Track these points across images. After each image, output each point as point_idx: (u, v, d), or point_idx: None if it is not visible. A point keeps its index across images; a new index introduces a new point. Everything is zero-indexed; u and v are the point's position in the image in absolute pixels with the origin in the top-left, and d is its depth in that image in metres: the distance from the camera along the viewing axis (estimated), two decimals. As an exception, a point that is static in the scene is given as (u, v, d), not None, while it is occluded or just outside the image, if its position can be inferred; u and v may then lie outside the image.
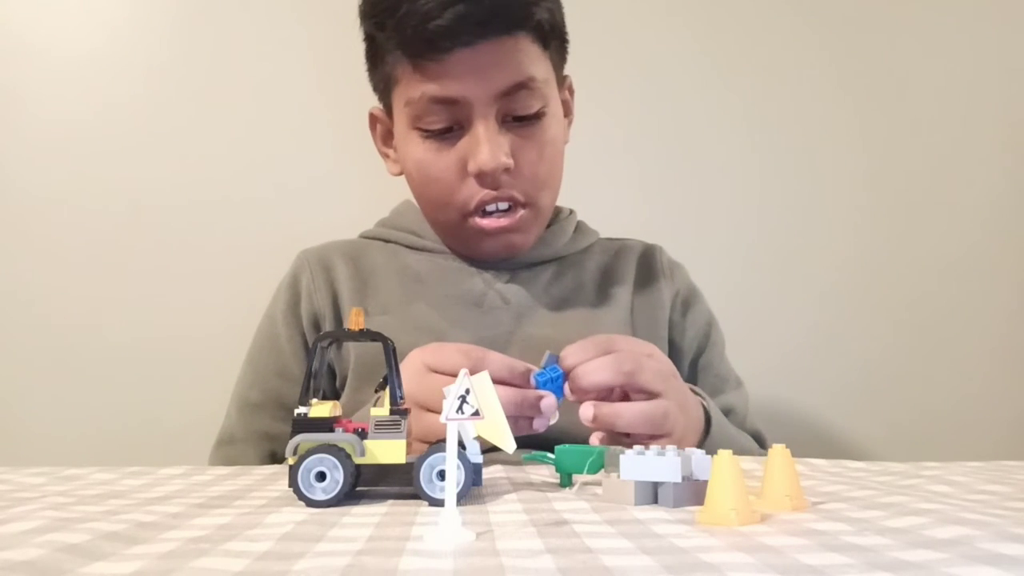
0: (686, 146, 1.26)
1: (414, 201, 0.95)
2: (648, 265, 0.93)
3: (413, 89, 0.78)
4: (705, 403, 0.75)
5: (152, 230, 1.17)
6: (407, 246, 0.90)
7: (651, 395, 0.64)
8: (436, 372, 0.62)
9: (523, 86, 0.78)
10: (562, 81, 0.87)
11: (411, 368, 0.63)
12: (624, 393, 0.65)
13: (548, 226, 0.91)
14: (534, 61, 0.80)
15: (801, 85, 1.27)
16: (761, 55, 1.27)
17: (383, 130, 0.90)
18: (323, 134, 1.21)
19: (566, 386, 0.62)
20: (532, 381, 0.61)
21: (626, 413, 0.62)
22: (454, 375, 0.61)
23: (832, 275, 1.27)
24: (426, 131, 0.80)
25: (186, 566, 0.31)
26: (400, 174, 0.89)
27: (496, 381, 0.59)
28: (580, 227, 0.95)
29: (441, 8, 0.74)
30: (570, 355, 0.62)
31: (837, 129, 1.28)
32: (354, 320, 0.49)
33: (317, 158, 1.20)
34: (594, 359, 0.62)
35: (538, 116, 0.81)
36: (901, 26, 1.29)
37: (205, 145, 1.18)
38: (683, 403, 0.68)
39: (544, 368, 0.62)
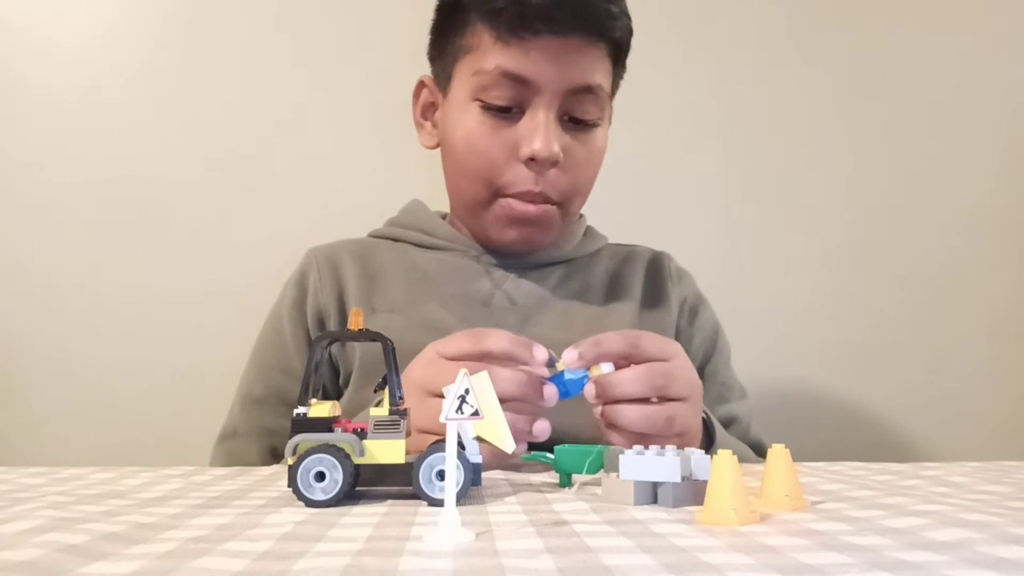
0: (664, 141, 1.26)
1: (423, 200, 0.96)
2: (656, 272, 0.94)
3: (489, 60, 0.79)
4: (706, 416, 0.75)
5: (158, 226, 1.16)
6: (416, 244, 0.91)
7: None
8: (446, 359, 0.62)
9: (591, 90, 0.80)
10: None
11: (424, 358, 0.64)
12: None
13: None
14: (604, 72, 0.82)
15: (790, 76, 1.28)
16: (757, 51, 1.27)
17: (426, 101, 0.91)
18: (333, 133, 1.20)
19: (590, 387, 0.60)
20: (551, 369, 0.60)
21: (629, 410, 0.60)
22: (460, 358, 0.61)
23: (838, 276, 1.27)
24: (487, 105, 0.80)
25: (186, 566, 0.31)
26: (435, 147, 0.89)
27: (502, 355, 0.59)
28: (589, 231, 0.96)
29: None
30: (594, 346, 0.60)
31: (826, 125, 1.28)
32: (353, 320, 0.49)
33: (327, 157, 1.20)
34: (627, 370, 0.60)
35: (593, 124, 0.83)
36: (892, 19, 1.30)
37: (214, 141, 1.18)
38: (699, 407, 0.68)
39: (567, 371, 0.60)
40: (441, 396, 0.59)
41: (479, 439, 0.47)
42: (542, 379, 0.59)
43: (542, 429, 0.58)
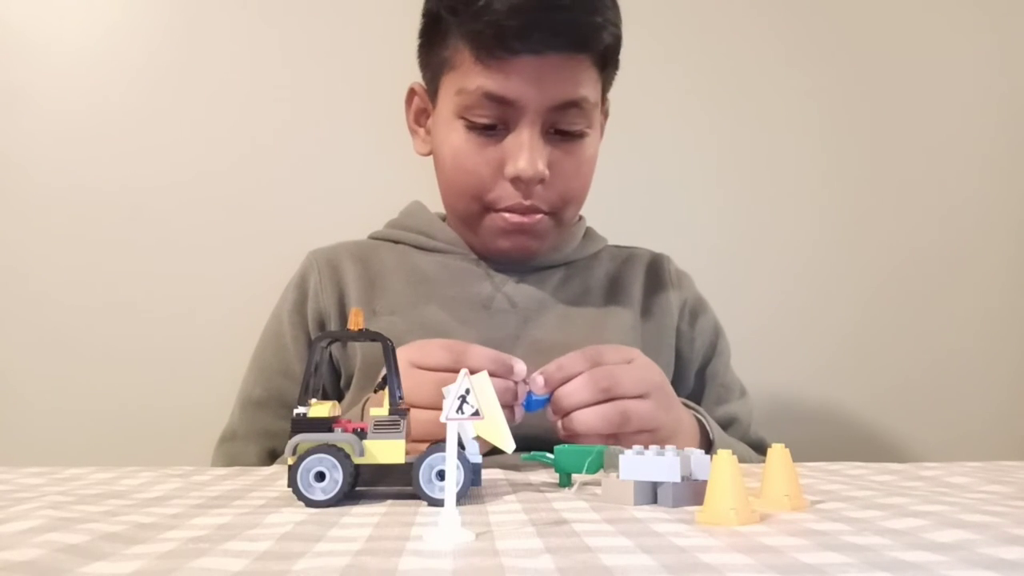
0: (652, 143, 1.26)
1: (423, 202, 0.96)
2: (656, 274, 0.94)
3: (470, 80, 0.79)
4: (703, 419, 0.75)
5: (159, 228, 1.16)
6: (416, 247, 0.91)
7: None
8: (421, 368, 0.63)
9: (575, 104, 0.79)
10: (602, 103, 0.88)
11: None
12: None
13: None
14: (589, 83, 0.81)
15: (785, 78, 1.28)
16: (754, 52, 1.28)
17: (418, 107, 0.90)
18: (334, 135, 1.20)
19: (548, 408, 0.63)
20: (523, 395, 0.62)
21: (580, 414, 0.62)
22: (438, 370, 0.61)
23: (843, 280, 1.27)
24: (471, 123, 0.80)
25: (185, 566, 0.31)
26: (428, 154, 0.89)
27: None
28: (589, 233, 0.95)
29: (520, 11, 0.74)
30: (558, 371, 0.63)
31: (823, 126, 1.28)
32: (353, 320, 0.49)
33: (327, 159, 1.20)
34: (572, 381, 0.62)
35: (580, 135, 0.82)
36: (882, 22, 1.30)
37: (214, 144, 1.18)
38: (668, 404, 0.69)
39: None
40: (421, 408, 0.59)
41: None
42: (519, 384, 0.62)
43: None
